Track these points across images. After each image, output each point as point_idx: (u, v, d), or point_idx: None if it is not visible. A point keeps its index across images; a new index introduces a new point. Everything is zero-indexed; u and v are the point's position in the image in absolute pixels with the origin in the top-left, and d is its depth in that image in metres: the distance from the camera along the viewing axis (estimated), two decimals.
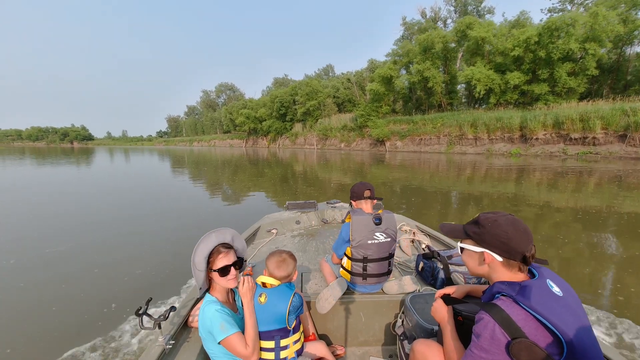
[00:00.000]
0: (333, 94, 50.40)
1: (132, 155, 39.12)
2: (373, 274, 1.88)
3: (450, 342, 1.11)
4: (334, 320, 1.95)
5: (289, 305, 1.40)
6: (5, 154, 40.50)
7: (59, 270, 4.02)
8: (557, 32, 23.15)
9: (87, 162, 24.89)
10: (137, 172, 17.72)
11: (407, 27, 41.07)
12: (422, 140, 29.69)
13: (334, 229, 3.45)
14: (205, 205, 8.18)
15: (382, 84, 33.62)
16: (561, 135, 20.62)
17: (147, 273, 3.91)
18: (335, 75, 62.97)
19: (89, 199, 9.02)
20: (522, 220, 0.99)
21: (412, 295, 1.75)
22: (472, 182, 10.98)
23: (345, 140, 39.67)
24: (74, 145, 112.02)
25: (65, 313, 3.05)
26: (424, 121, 30.16)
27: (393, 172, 14.36)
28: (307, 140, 47.97)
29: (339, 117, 44.32)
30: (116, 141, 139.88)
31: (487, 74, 26.20)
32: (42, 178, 14.31)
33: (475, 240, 1.04)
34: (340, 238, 1.93)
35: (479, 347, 0.90)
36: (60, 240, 5.23)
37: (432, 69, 29.87)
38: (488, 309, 0.90)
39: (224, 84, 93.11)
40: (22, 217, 6.90)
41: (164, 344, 1.40)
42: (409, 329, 1.61)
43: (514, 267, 0.97)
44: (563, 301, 0.88)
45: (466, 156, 23.14)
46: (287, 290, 1.46)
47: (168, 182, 13.48)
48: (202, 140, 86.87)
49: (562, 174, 12.39)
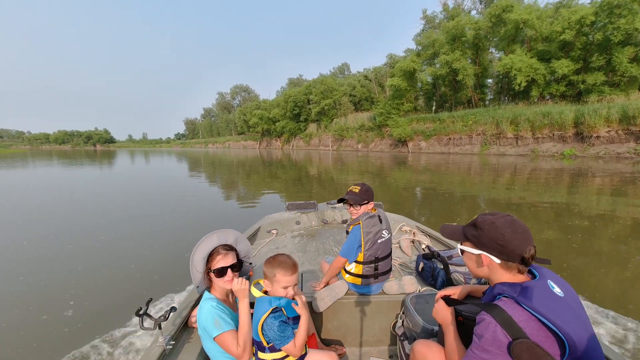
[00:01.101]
0: (349, 92, 47.74)
1: (147, 157, 39.70)
2: (382, 272, 1.91)
3: (452, 343, 1.10)
4: (334, 320, 1.95)
5: (260, 321, 1.32)
6: (36, 156, 42.38)
7: (59, 270, 4.03)
8: (619, 10, 19.37)
9: (104, 165, 25.45)
10: (151, 174, 17.79)
11: (427, 21, 37.64)
12: (450, 140, 26.43)
13: (334, 230, 3.41)
14: (213, 206, 8.11)
15: (404, 78, 30.55)
16: (631, 132, 16.87)
17: (147, 273, 3.89)
18: (351, 74, 60.06)
19: (97, 200, 9.09)
20: (521, 221, 0.98)
21: (412, 296, 1.76)
22: (511, 188, 9.48)
23: (362, 141, 36.90)
24: (97, 148, 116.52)
25: (65, 313, 3.04)
26: (452, 119, 26.85)
27: (416, 176, 13.20)
28: (322, 141, 45.58)
29: (356, 116, 41.59)
30: (136, 144, 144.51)
31: (530, 62, 22.63)
32: (60, 179, 14.84)
33: (473, 243, 1.03)
34: (352, 243, 1.87)
35: (480, 348, 0.89)
36: (61, 240, 5.26)
37: (462, 60, 26.55)
38: (489, 309, 0.90)
39: (239, 85, 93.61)
40: (23, 217, 6.93)
41: (164, 344, 1.38)
42: (409, 329, 1.61)
43: (513, 269, 0.97)
44: (564, 302, 0.87)
45: (505, 158, 20.02)
46: (265, 304, 1.35)
47: (181, 183, 13.43)
48: (216, 142, 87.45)
49: (633, 180, 10.09)
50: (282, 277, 1.34)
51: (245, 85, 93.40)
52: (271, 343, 1.32)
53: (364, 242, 1.84)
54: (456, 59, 26.52)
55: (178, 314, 1.63)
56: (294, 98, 51.21)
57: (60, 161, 29.68)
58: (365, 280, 1.90)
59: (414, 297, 1.73)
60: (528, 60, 22.68)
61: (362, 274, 1.88)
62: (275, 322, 1.31)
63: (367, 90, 47.85)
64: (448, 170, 14.52)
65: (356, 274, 1.90)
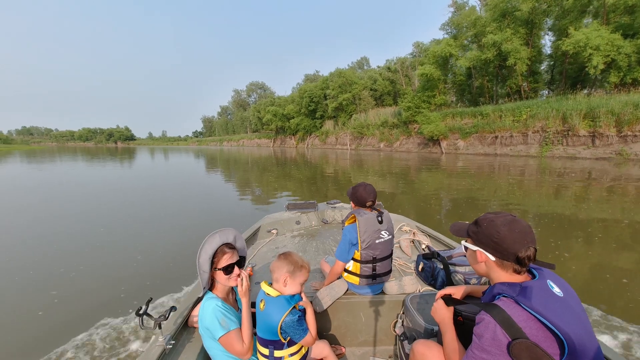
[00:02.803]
0: (370, 86, 43.38)
1: (163, 154, 40.31)
2: (381, 273, 1.88)
3: (450, 342, 1.11)
4: (334, 320, 1.95)
5: (281, 321, 1.33)
6: (63, 152, 44.81)
7: (59, 270, 3.99)
8: None
9: (119, 162, 25.24)
10: (158, 173, 17.09)
11: (457, 7, 32.48)
12: (496, 138, 21.66)
13: (334, 230, 3.39)
14: (213, 205, 8.00)
15: (437, 66, 26.00)
16: None
17: (147, 273, 3.88)
18: (370, 68, 55.21)
19: (97, 200, 8.77)
20: (523, 222, 0.97)
21: (412, 296, 1.75)
22: (584, 201, 7.30)
23: (385, 139, 32.59)
24: (118, 145, 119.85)
25: (65, 312, 3.03)
26: (499, 113, 22.03)
27: (451, 180, 11.24)
28: (339, 139, 41.63)
29: (378, 111, 37.27)
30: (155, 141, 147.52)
31: (610, 38, 17.52)
32: (69, 177, 14.71)
33: (473, 240, 1.05)
34: (346, 242, 1.85)
35: (480, 348, 0.89)
36: (61, 241, 5.19)
37: (513, 40, 21.64)
38: (489, 309, 0.90)
39: (255, 82, 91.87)
40: (23, 217, 6.75)
41: (164, 344, 1.38)
42: (409, 329, 1.61)
43: (509, 268, 0.97)
44: (564, 302, 0.87)
45: (576, 162, 15.40)
46: (284, 304, 1.37)
47: (184, 182, 12.90)
48: (231, 140, 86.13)
49: None
50: (306, 273, 1.41)
51: (261, 83, 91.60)
52: (288, 338, 1.36)
53: (360, 240, 1.80)
54: (506, 39, 21.63)
55: (178, 314, 1.62)
56: (309, 93, 47.61)
57: (82, 158, 29.75)
58: (363, 281, 1.86)
59: (414, 297, 1.72)
60: (608, 36, 17.57)
61: (359, 273, 1.85)
62: (294, 317, 1.34)
63: (391, 83, 43.24)
64: (493, 175, 12.18)
65: (354, 272, 1.88)
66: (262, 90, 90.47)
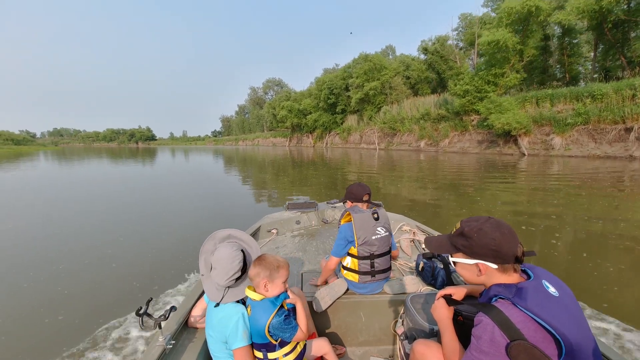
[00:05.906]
0: (402, 72, 35.73)
1: (181, 154, 39.60)
2: (380, 269, 1.87)
3: (449, 342, 1.10)
4: (334, 320, 1.94)
5: (267, 323, 1.31)
6: (89, 153, 45.24)
7: (59, 269, 3.98)
8: None
9: (131, 163, 24.04)
10: (166, 174, 16.00)
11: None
12: (629, 131, 13.65)
13: (334, 229, 3.35)
14: (213, 206, 7.83)
15: (511, 30, 18.16)
16: None
17: (147, 273, 3.84)
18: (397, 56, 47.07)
19: (98, 199, 8.66)
20: (503, 221, 0.97)
21: (412, 295, 1.71)
22: None
23: (427, 136, 25.08)
24: (139, 146, 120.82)
25: (65, 312, 2.99)
26: (629, 90, 13.97)
27: (536, 197, 7.32)
28: (365, 136, 34.53)
29: (415, 102, 29.65)
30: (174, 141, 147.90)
31: None
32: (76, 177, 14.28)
33: (466, 253, 1.02)
34: (342, 240, 1.84)
35: (478, 350, 0.89)
36: (61, 240, 5.18)
37: None
38: (487, 310, 0.90)
39: (271, 79, 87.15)
40: (21, 217, 6.73)
41: (164, 344, 1.37)
42: (409, 329, 1.60)
43: (509, 270, 0.97)
44: (559, 301, 0.87)
45: None
46: (270, 306, 1.34)
47: (188, 181, 12.50)
48: (246, 139, 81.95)
49: None
50: (284, 272, 1.37)
51: (277, 79, 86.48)
52: (279, 339, 1.35)
53: (356, 237, 1.80)
54: None
55: (178, 314, 1.60)
56: (329, 84, 40.96)
57: (102, 159, 28.69)
58: (363, 278, 1.86)
59: (415, 296, 1.68)
60: None
61: (358, 270, 1.86)
62: (280, 318, 1.33)
63: (428, 68, 35.27)
64: (622, 192, 7.41)
65: (352, 269, 1.88)
66: (279, 87, 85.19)
